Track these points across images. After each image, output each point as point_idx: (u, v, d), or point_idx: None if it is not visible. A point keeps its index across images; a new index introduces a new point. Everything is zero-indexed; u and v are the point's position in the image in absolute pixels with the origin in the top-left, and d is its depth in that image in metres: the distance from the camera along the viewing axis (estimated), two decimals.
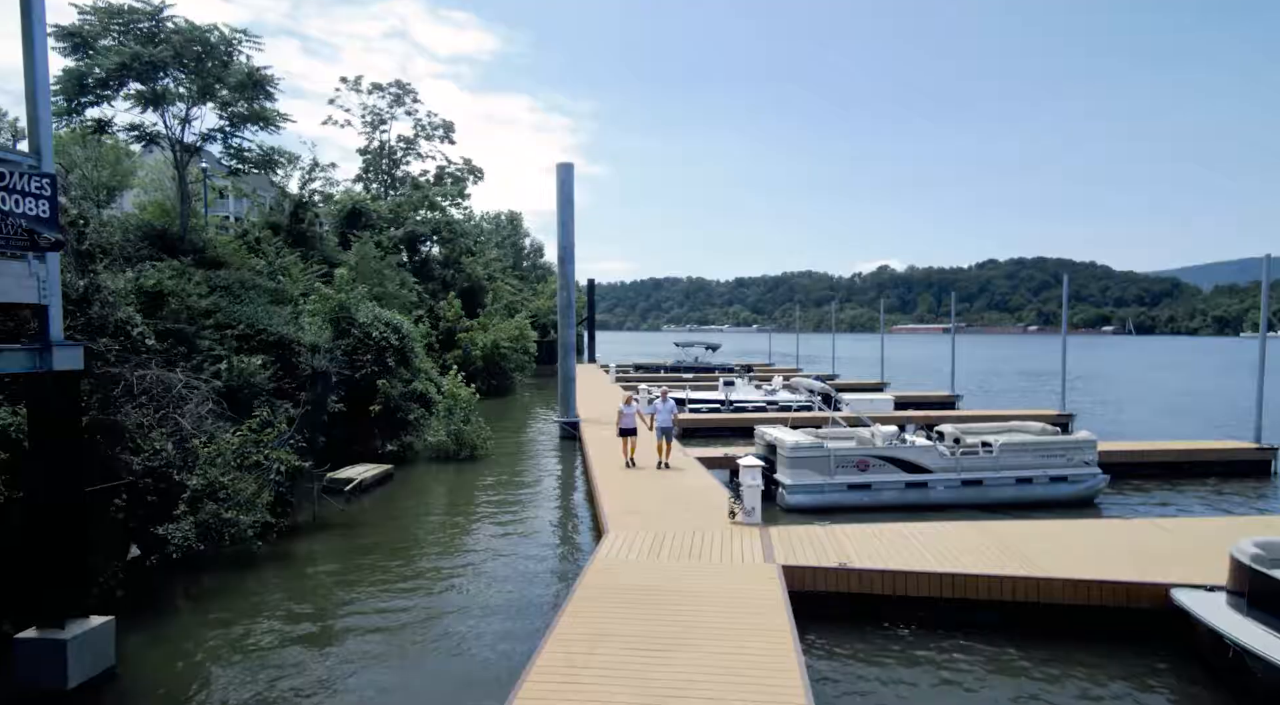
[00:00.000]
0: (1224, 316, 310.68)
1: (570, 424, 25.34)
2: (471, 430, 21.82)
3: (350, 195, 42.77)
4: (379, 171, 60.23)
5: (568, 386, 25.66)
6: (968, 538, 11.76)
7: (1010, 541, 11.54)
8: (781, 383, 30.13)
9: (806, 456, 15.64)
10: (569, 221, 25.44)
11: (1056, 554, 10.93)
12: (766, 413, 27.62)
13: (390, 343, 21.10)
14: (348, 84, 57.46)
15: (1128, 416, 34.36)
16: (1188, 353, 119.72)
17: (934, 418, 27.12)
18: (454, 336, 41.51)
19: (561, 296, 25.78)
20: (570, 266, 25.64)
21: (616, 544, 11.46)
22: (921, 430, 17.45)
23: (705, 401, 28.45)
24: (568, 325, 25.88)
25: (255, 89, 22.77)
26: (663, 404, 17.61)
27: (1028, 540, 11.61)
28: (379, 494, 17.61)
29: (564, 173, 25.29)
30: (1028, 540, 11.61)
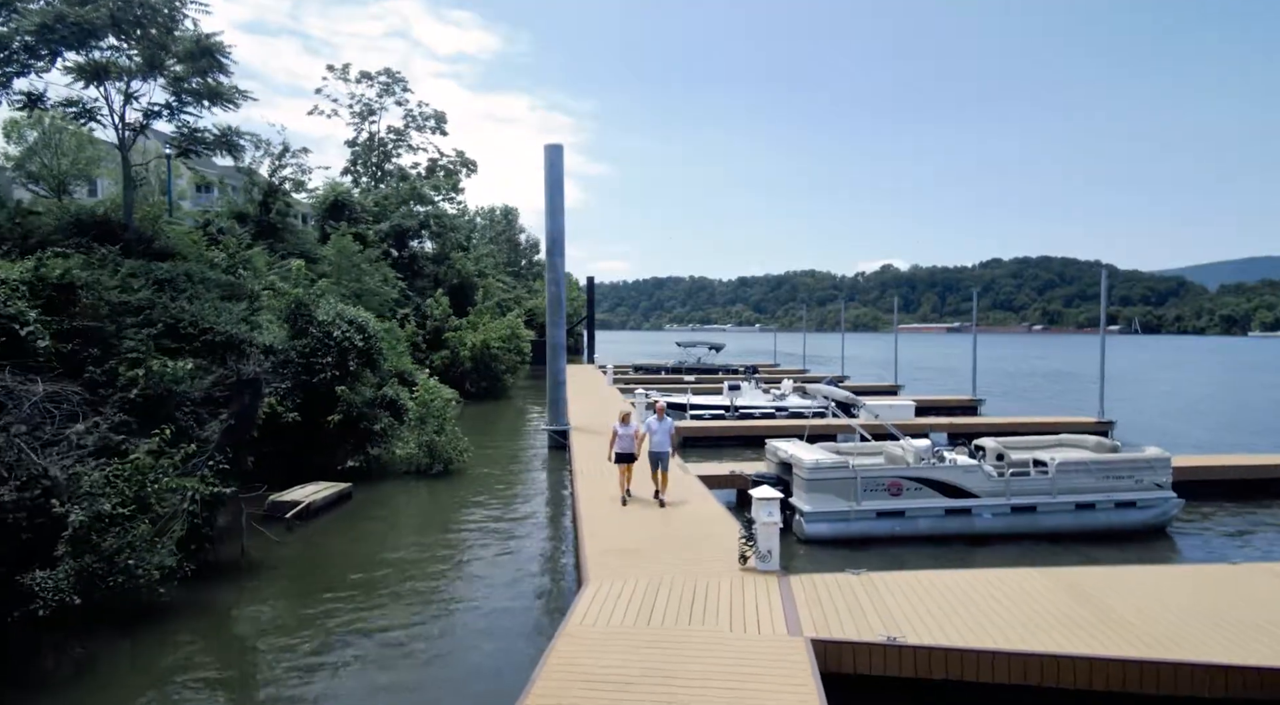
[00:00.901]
0: (1232, 315, 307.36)
1: (560, 432, 22.95)
2: (446, 441, 19.42)
3: (333, 187, 40.39)
4: (369, 164, 57.92)
5: (557, 391, 23.26)
6: (1038, 590, 9.36)
7: (1091, 594, 9.15)
8: (791, 387, 27.71)
9: (829, 479, 13.21)
10: (559, 208, 23.03)
11: (1155, 615, 8.55)
12: (775, 420, 25.22)
13: (354, 344, 18.70)
14: (335, 73, 55.23)
15: (1171, 424, 31.76)
16: (1201, 352, 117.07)
17: (959, 426, 24.70)
18: (442, 336, 39.13)
19: (550, 291, 23.37)
20: (559, 259, 23.22)
21: (596, 602, 9.05)
22: (962, 444, 15.02)
23: (708, 408, 26.06)
24: (557, 323, 23.48)
25: (205, 59, 20.37)
26: (659, 423, 13.90)
27: (1112, 592, 9.22)
28: (331, 519, 15.22)
29: (553, 154, 22.89)
30: (1112, 592, 9.22)
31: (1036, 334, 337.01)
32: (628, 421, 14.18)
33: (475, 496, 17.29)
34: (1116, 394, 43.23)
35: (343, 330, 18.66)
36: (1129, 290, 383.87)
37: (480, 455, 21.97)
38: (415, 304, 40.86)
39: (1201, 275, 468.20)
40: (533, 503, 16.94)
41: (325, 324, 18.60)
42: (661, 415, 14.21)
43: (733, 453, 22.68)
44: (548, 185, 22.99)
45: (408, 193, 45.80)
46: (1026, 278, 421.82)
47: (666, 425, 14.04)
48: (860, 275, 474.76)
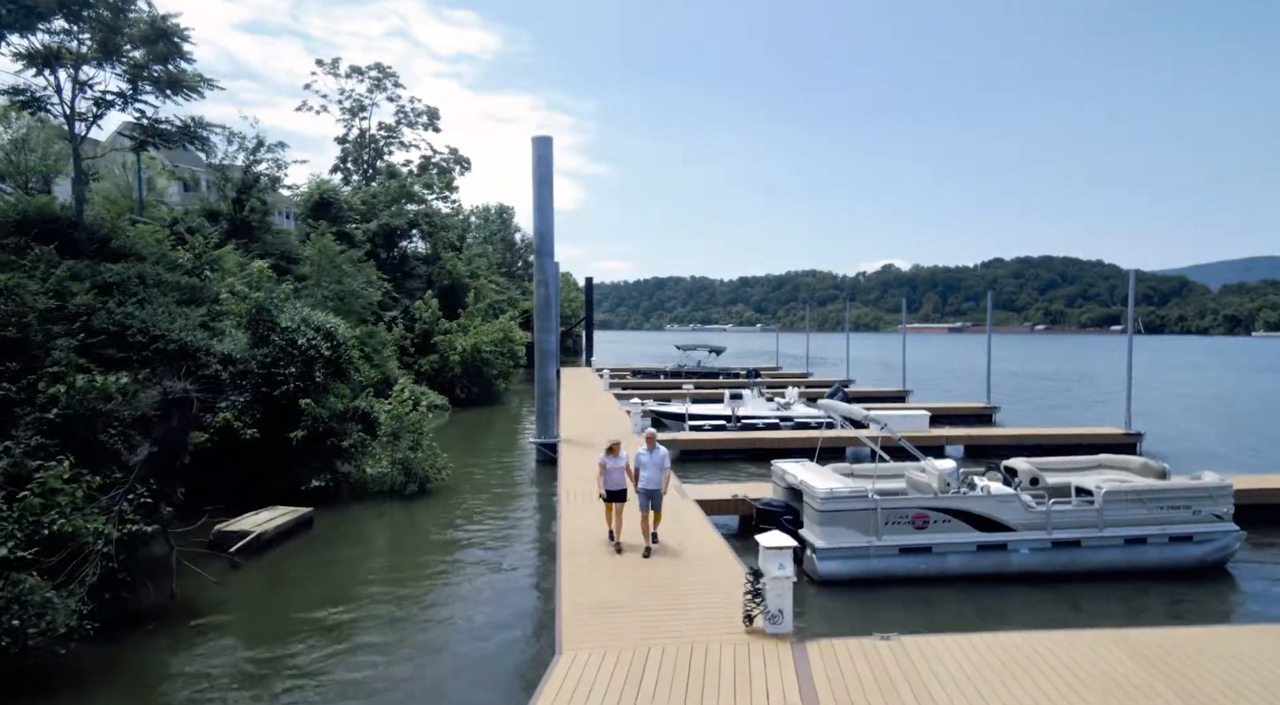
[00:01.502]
0: (1235, 315, 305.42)
1: (548, 446, 21.36)
2: (422, 458, 17.81)
3: (318, 185, 38.80)
4: (360, 162, 56.32)
5: (546, 401, 21.65)
6: (1103, 658, 7.77)
7: (1167, 662, 7.62)
8: (796, 395, 26.09)
9: (845, 510, 11.60)
10: (547, 205, 21.43)
11: (1251, 694, 7.00)
12: (780, 431, 23.59)
13: (320, 352, 17.09)
14: (324, 67, 53.46)
15: (1200, 434, 30.01)
16: (1208, 353, 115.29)
17: (977, 439, 23.07)
18: (431, 340, 37.54)
19: (539, 293, 21.76)
20: (549, 259, 21.62)
21: (571, 678, 7.43)
22: (993, 469, 13.38)
23: (708, 418, 24.44)
24: (547, 328, 21.87)
25: (163, 43, 18.79)
26: (649, 455, 11.40)
27: (1193, 661, 7.67)
28: (287, 550, 13.62)
29: (540, 147, 21.28)
30: (1193, 661, 7.67)
31: (1039, 334, 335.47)
32: (617, 453, 11.64)
33: (451, 523, 15.69)
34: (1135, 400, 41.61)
35: (308, 338, 17.05)
36: None
37: (463, 471, 20.38)
38: (404, 306, 39.30)
39: (1203, 275, 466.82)
40: (513, 532, 15.32)
41: (289, 331, 16.99)
42: (652, 445, 11.58)
43: (734, 468, 21.08)
44: (536, 180, 21.38)
45: (397, 191, 44.18)
46: (1028, 277, 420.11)
47: (659, 457, 11.44)
48: (861, 275, 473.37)
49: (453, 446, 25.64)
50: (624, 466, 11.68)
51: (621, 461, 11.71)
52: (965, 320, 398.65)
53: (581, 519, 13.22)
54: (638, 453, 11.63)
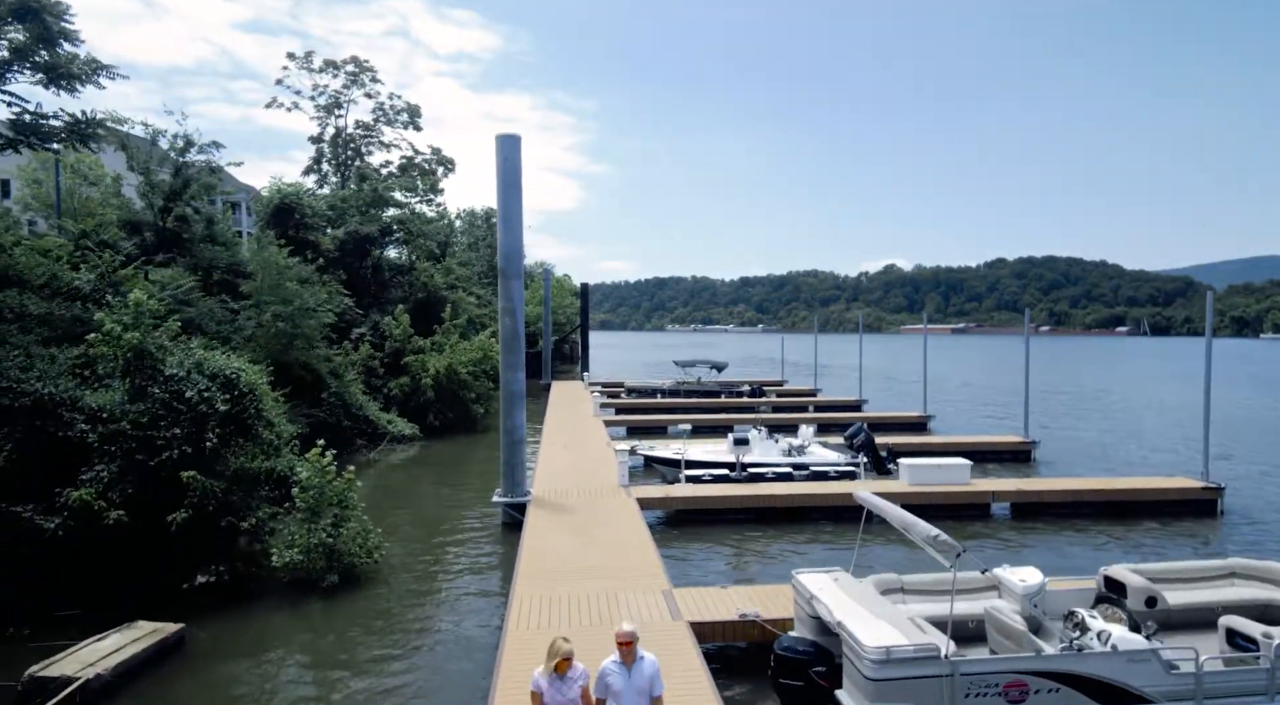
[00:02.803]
0: (1243, 317, 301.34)
1: (516, 507, 17.74)
2: (349, 536, 14.16)
3: (278, 189, 35.17)
4: (339, 163, 52.76)
5: (514, 451, 18.00)
6: None
7: None
8: (812, 435, 22.42)
9: (908, 679, 7.94)
10: (514, 216, 17.81)
11: None
12: (794, 483, 19.95)
13: (215, 408, 13.45)
14: (297, 61, 49.91)
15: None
16: (1230, 361, 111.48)
17: (1026, 494, 19.36)
18: (401, 360, 33.92)
19: (505, 324, 18.10)
20: (516, 282, 17.98)
21: None
22: (1110, 605, 9.66)
23: (709, 466, 20.79)
24: (514, 365, 18.22)
25: (33, 22, 15.19)
26: (624, 675, 6.41)
27: None
28: (138, 691, 10.00)
29: (506, 147, 17.65)
30: None
31: (1044, 336, 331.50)
32: (564, 670, 6.32)
33: (378, 627, 12.08)
34: (1180, 429, 37.82)
35: (200, 388, 13.41)
36: (1136, 290, 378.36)
37: (407, 543, 16.73)
38: (374, 322, 35.68)
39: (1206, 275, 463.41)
40: (454, 642, 11.69)
41: (175, 380, 13.36)
42: (631, 654, 6.46)
43: (741, 536, 17.45)
44: (500, 187, 17.76)
45: (369, 195, 40.54)
46: (1031, 278, 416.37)
47: (643, 679, 6.45)
48: (864, 275, 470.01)
49: (409, 494, 22.05)
50: (577, 698, 6.37)
51: (573, 690, 6.35)
52: (968, 321, 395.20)
53: (534, 650, 9.53)
54: (605, 669, 6.52)
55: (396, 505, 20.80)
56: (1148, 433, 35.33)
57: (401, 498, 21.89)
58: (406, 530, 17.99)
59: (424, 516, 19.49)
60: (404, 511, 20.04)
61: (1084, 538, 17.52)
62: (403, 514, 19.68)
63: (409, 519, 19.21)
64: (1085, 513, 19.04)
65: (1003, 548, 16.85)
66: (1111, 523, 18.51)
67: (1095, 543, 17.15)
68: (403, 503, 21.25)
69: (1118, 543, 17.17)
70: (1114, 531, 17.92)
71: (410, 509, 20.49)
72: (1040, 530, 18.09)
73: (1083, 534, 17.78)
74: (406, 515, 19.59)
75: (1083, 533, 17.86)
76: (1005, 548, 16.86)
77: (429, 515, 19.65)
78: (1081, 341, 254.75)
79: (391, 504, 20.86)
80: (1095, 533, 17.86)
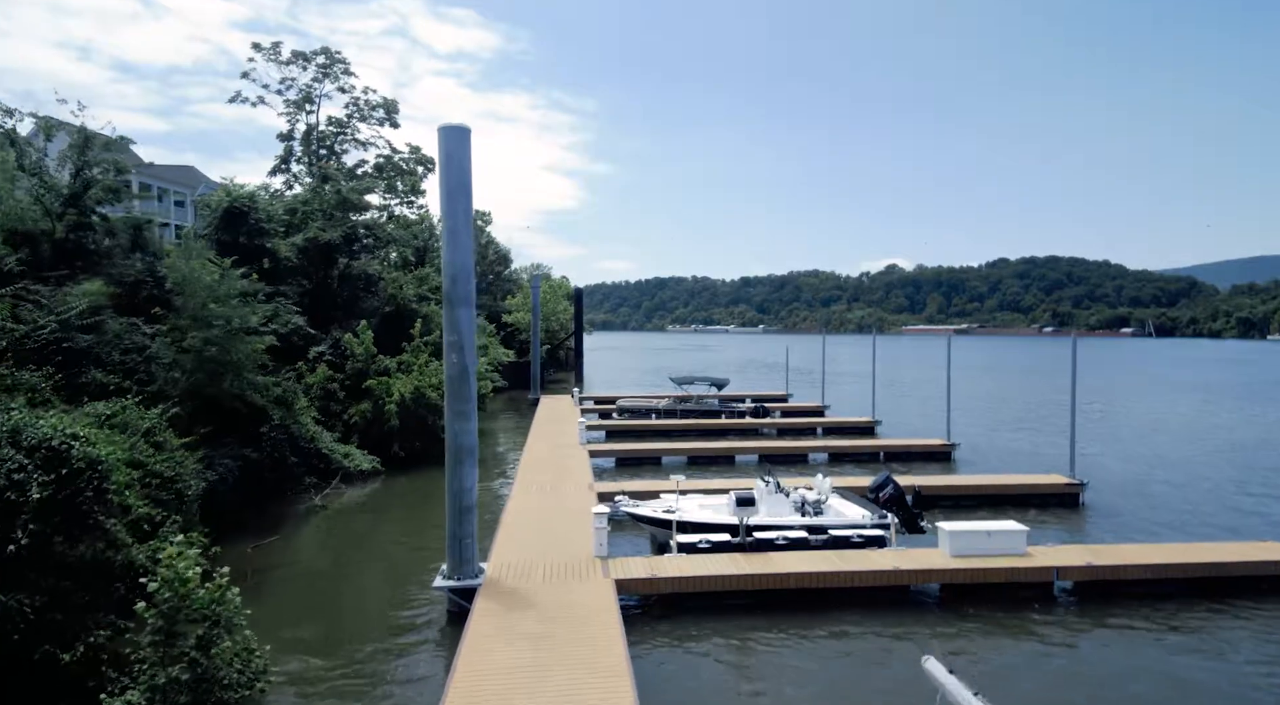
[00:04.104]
0: (1249, 318, 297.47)
1: (463, 592, 14.12)
2: (222, 660, 10.52)
3: (226, 191, 31.53)
4: (311, 162, 49.09)
5: (461, 521, 14.35)
6: None
7: None
8: (830, 487, 18.75)
9: None
10: (462, 228, 14.19)
11: None
12: (810, 553, 16.29)
13: (28, 495, 9.81)
14: (264, 52, 46.20)
15: None
16: (1254, 367, 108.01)
17: (1099, 571, 15.68)
18: (364, 382, 30.29)
19: (450, 363, 14.41)
20: (464, 311, 14.32)
21: None
22: None
23: (707, 529, 17.12)
24: (463, 412, 14.53)
25: None
26: None
27: None
28: None
29: (451, 142, 14.02)
30: None
31: (1047, 336, 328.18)
32: None
33: None
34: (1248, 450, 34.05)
35: (9, 469, 9.78)
36: (1139, 291, 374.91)
37: (316, 650, 13.06)
38: (334, 339, 32.05)
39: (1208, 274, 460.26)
40: None
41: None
42: None
43: (744, 627, 13.82)
44: (445, 191, 14.14)
45: (333, 198, 36.87)
46: (1033, 278, 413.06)
47: None
48: (865, 275, 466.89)
49: (350, 557, 18.35)
50: None
51: None
52: (971, 321, 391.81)
53: None
54: None
55: (325, 577, 17.20)
56: (1217, 475, 29.64)
57: (339, 562, 18.29)
58: (323, 625, 14.36)
59: (356, 598, 15.87)
60: (333, 588, 16.43)
61: (1180, 639, 13.86)
62: (328, 593, 16.07)
63: (334, 602, 15.60)
64: (1167, 590, 15.47)
65: (1074, 654, 13.19)
66: (1203, 602, 14.90)
67: (1203, 646, 13.49)
68: (337, 571, 17.65)
69: (1225, 639, 13.53)
70: (1219, 625, 14.27)
71: (344, 582, 16.88)
72: (1116, 617, 14.47)
73: (1180, 630, 14.14)
74: (334, 595, 15.98)
75: (1178, 629, 14.21)
76: (1079, 660, 13.20)
77: (363, 596, 16.04)
78: (1087, 342, 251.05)
79: (318, 576, 17.26)
80: (1193, 624, 14.22)
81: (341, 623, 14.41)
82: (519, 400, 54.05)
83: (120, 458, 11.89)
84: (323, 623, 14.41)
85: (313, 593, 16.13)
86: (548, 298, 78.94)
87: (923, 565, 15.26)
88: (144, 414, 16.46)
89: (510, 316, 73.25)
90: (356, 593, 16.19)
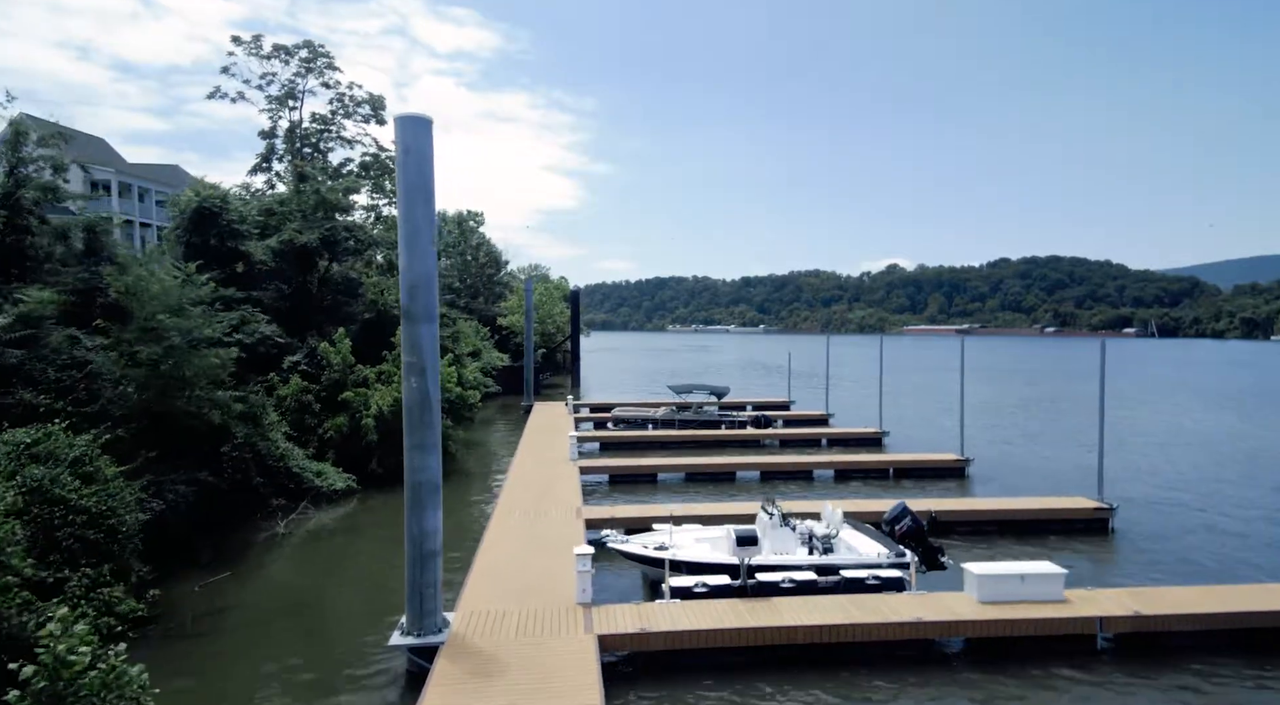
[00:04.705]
0: (1253, 318, 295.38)
1: (425, 649, 12.32)
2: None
3: (195, 190, 29.73)
4: (296, 160, 47.25)
5: (423, 569, 12.53)
6: None
7: None
8: (840, 518, 16.90)
9: None
10: (422, 231, 12.38)
11: None
12: (820, 598, 14.46)
13: None
14: (244, 46, 44.37)
15: None
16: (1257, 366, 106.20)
17: (1150, 621, 13.86)
18: (340, 394, 28.47)
19: (410, 389, 12.59)
20: (425, 327, 12.52)
21: None
22: None
23: (705, 570, 15.31)
24: (424, 444, 12.69)
25: None
26: None
27: None
28: None
29: (410, 133, 12.22)
30: None
31: (1050, 337, 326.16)
32: None
33: None
34: None
35: None
36: (1142, 291, 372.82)
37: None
38: (310, 348, 30.25)
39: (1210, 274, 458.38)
40: None
41: None
42: None
43: (749, 689, 12.01)
44: (403, 190, 12.34)
45: (310, 197, 35.03)
46: (1035, 278, 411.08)
47: None
48: (865, 275, 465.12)
49: (306, 598, 16.32)
50: None
51: None
52: (972, 322, 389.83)
53: None
54: None
55: (278, 620, 15.37)
56: (1255, 497, 26.76)
57: (296, 602, 16.46)
58: (264, 686, 12.55)
59: (309, 648, 14.05)
60: (284, 636, 14.60)
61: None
62: (278, 642, 14.25)
63: (283, 652, 13.78)
64: (1222, 643, 13.65)
65: None
66: (1269, 658, 13.08)
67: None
68: (292, 614, 15.81)
69: None
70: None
71: (297, 628, 15.06)
72: (1166, 675, 12.66)
73: (1241, 689, 12.32)
74: (284, 644, 14.16)
75: (1237, 687, 12.38)
76: None
77: (318, 644, 14.21)
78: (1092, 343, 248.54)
79: (270, 619, 15.43)
80: (1270, 683, 12.40)
81: (287, 682, 12.60)
82: (513, 406, 52.28)
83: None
84: (265, 684, 12.60)
85: (261, 641, 14.32)
86: (544, 300, 77.13)
87: (948, 615, 13.44)
88: (72, 441, 14.65)
89: (505, 319, 71.40)
90: (310, 641, 14.37)
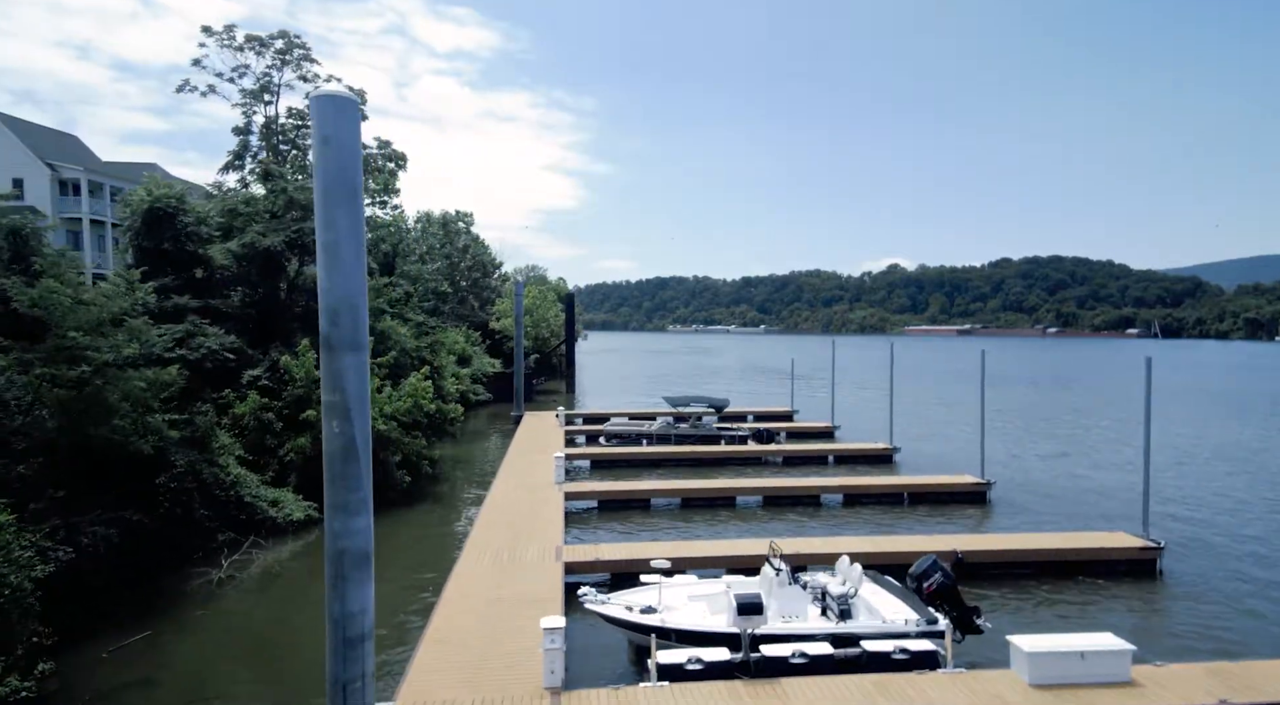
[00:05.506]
0: (1257, 318, 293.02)
1: None
2: None
3: (148, 189, 27.28)
4: (270, 156, 44.85)
5: (347, 659, 10.02)
6: None
7: None
8: (859, 573, 14.43)
9: None
10: (347, 240, 9.89)
11: None
12: (836, 667, 11.99)
13: None
14: (216, 37, 41.98)
15: None
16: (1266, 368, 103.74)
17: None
18: (303, 411, 25.98)
19: (331, 434, 10.12)
20: (351, 357, 10.04)
21: None
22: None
23: (700, 641, 12.82)
24: (349, 506, 10.20)
25: None
26: None
27: None
28: None
29: (329, 116, 9.73)
30: None
31: (1052, 337, 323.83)
32: None
33: None
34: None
35: None
36: (1144, 291, 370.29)
37: None
38: (273, 361, 27.78)
39: (1212, 274, 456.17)
40: None
41: None
42: None
43: None
44: (320, 185, 9.85)
45: (278, 197, 32.56)
46: (1037, 278, 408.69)
47: None
48: (866, 275, 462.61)
49: (228, 669, 13.66)
50: None
51: None
52: (973, 322, 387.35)
53: None
54: None
55: (197, 699, 12.88)
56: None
57: (222, 672, 13.98)
58: None
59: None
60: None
61: None
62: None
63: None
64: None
65: None
66: None
67: None
68: (216, 689, 13.33)
69: None
70: None
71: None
72: None
73: None
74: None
75: None
76: None
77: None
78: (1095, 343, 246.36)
79: (186, 697, 12.93)
80: None
81: None
82: (504, 415, 49.89)
83: None
84: None
85: None
86: (538, 303, 74.72)
87: (991, 693, 10.99)
88: None
89: (498, 323, 69.01)
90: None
